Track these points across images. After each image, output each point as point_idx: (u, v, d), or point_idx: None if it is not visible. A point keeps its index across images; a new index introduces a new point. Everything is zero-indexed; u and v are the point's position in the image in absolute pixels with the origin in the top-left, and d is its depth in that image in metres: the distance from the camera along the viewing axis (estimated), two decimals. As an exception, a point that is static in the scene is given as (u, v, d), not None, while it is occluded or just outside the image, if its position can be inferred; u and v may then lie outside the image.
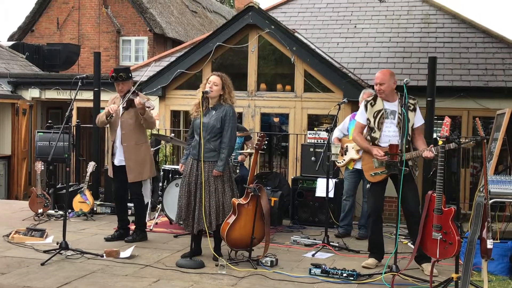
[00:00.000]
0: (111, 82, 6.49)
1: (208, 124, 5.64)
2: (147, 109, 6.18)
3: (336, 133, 7.40)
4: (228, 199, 5.70)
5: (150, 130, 10.04)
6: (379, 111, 5.56)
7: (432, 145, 5.43)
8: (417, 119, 5.55)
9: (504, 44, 11.08)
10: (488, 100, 9.86)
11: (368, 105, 5.61)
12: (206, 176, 5.63)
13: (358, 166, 7.23)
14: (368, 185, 5.65)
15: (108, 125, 6.62)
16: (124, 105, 6.34)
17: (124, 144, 6.37)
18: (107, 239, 6.54)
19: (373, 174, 5.55)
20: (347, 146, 7.24)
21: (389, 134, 5.52)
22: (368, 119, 5.60)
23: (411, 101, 5.52)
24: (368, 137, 5.63)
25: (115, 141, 6.44)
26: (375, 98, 5.64)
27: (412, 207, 5.42)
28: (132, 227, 6.74)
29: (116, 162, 6.47)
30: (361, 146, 5.75)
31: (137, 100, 6.13)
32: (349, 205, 7.28)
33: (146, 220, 7.45)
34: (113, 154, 6.50)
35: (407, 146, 5.36)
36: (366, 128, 5.69)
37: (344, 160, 7.22)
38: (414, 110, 5.52)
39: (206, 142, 5.63)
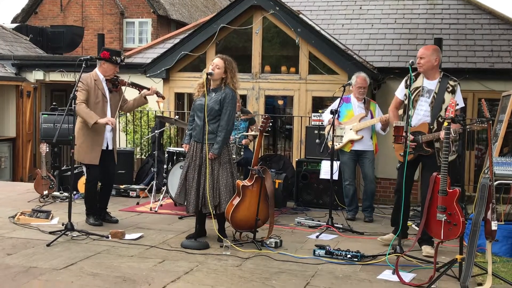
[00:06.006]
0: (113, 62, 6.27)
1: (207, 106, 5.60)
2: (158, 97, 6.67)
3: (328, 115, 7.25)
4: (224, 182, 5.65)
5: (154, 112, 10.09)
6: (417, 88, 5.49)
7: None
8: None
9: (510, 25, 10.98)
10: (493, 82, 9.79)
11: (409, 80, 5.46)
12: (203, 158, 5.61)
13: (356, 147, 7.18)
14: (398, 165, 5.58)
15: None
16: (138, 89, 6.62)
17: (113, 127, 6.40)
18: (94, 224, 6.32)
19: (402, 154, 5.44)
20: (345, 127, 7.15)
21: (420, 113, 5.45)
22: (405, 95, 5.45)
23: (451, 82, 5.43)
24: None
25: (105, 126, 6.29)
26: (417, 75, 5.55)
27: (426, 193, 5.17)
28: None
29: (109, 147, 6.39)
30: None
31: (153, 87, 6.53)
32: (353, 189, 7.26)
33: (151, 202, 7.53)
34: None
35: (435, 128, 5.30)
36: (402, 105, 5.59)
37: (341, 142, 7.14)
38: (453, 92, 5.40)
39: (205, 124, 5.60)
